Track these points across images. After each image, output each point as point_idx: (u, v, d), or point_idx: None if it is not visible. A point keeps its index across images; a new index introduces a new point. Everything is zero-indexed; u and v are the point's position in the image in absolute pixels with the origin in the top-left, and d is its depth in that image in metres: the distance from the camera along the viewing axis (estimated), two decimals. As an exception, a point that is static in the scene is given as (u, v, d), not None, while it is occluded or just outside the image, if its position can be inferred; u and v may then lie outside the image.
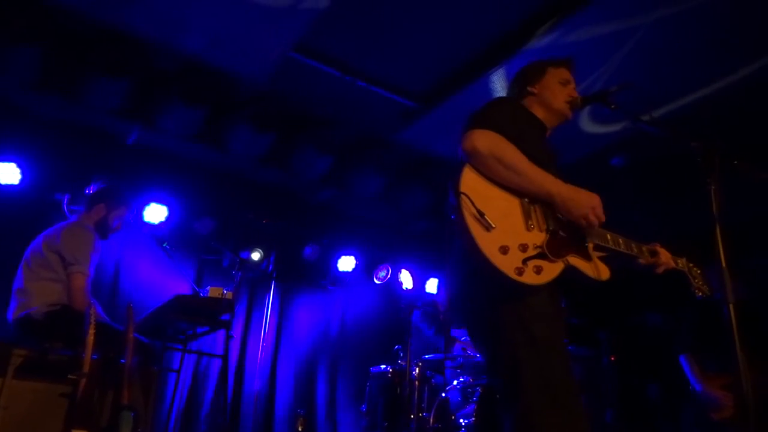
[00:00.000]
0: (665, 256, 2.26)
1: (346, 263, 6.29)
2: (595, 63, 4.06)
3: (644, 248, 2.23)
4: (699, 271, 2.44)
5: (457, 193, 1.85)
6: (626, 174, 5.45)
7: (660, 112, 4.42)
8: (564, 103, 2.30)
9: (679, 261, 2.36)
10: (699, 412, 4.26)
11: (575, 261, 1.94)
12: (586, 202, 1.96)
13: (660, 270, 2.26)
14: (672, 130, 2.16)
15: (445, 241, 2.05)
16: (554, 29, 3.81)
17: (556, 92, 2.31)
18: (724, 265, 1.82)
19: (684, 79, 4.20)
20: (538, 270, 1.82)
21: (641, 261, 2.23)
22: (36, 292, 3.59)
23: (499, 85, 4.36)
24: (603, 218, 2.00)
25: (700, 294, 2.43)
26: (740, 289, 3.97)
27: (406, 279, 6.46)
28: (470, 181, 1.91)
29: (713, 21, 3.67)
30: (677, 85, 4.27)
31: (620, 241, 2.16)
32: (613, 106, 2.23)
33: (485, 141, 1.93)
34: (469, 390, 4.46)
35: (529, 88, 2.34)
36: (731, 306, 1.77)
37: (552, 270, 1.86)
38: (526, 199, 1.95)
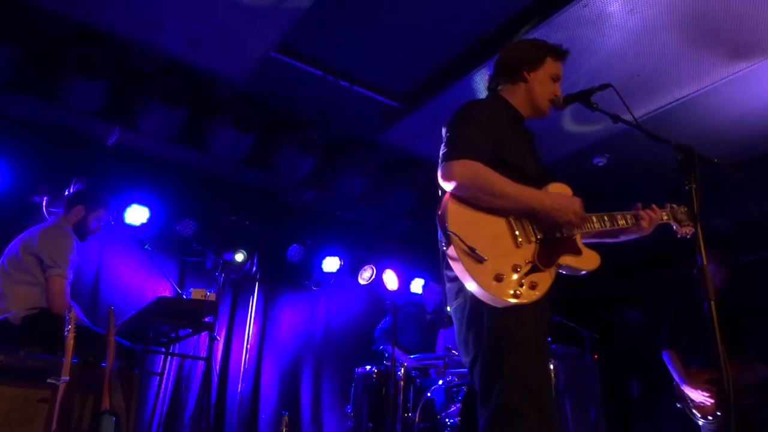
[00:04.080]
0: (648, 215, 2.28)
1: (331, 264, 6.27)
2: (577, 63, 4.09)
3: (627, 216, 2.26)
4: (684, 209, 2.42)
5: (446, 233, 1.89)
6: (608, 173, 5.50)
7: (641, 113, 4.45)
8: (546, 101, 2.31)
9: (663, 213, 2.37)
10: (678, 406, 4.31)
11: (566, 260, 2.00)
12: (568, 209, 1.99)
13: (648, 231, 2.28)
14: (653, 130, 2.18)
15: (435, 240, 2.06)
16: (536, 29, 3.83)
17: (545, 88, 2.31)
18: (705, 263, 1.83)
19: (664, 80, 4.24)
20: (533, 285, 1.88)
21: (631, 229, 2.25)
22: (13, 296, 3.53)
23: (482, 85, 4.36)
24: (585, 217, 2.05)
25: (687, 234, 2.41)
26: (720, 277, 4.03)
27: (390, 279, 6.46)
28: (456, 214, 1.94)
29: (693, 23, 3.71)
30: (659, 86, 4.31)
31: (605, 218, 2.19)
32: (594, 106, 2.25)
33: (464, 173, 1.95)
34: (454, 390, 4.47)
35: (524, 73, 2.30)
36: (711, 303, 1.79)
37: (546, 280, 1.92)
38: (512, 216, 1.99)
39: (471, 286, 1.86)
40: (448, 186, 1.97)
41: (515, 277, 1.87)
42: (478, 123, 2.12)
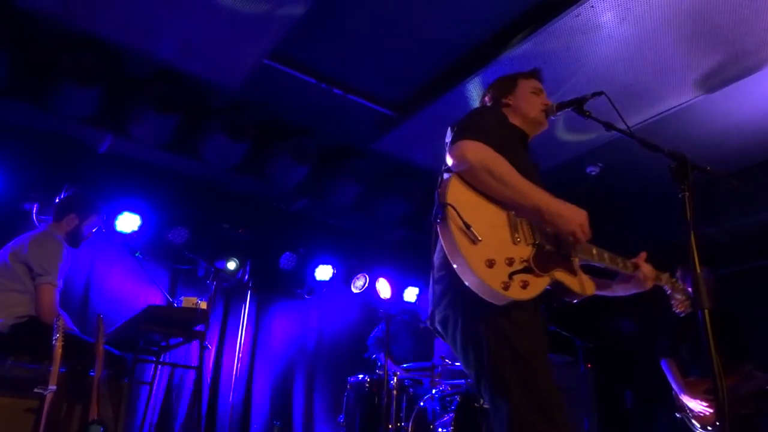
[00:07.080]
0: (648, 270, 2.24)
1: (323, 272, 6.24)
2: (569, 72, 4.10)
3: (628, 263, 2.22)
4: (682, 287, 2.44)
5: (444, 204, 1.81)
6: (601, 182, 5.51)
7: (634, 121, 4.47)
8: (539, 112, 2.31)
9: (662, 276, 2.36)
10: (677, 416, 4.29)
11: (561, 275, 1.93)
12: (574, 219, 1.94)
13: (647, 285, 2.23)
14: (646, 138, 2.17)
15: (428, 248, 2.02)
16: (529, 38, 3.84)
17: (530, 101, 2.33)
18: (698, 271, 1.82)
19: (659, 87, 4.26)
20: (525, 285, 1.79)
21: (627, 278, 2.22)
22: (2, 303, 3.49)
23: (475, 93, 4.37)
24: (589, 234, 1.99)
25: (681, 310, 2.44)
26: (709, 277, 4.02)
27: (383, 288, 6.44)
28: (457, 191, 1.88)
29: (687, 33, 3.73)
30: (652, 94, 4.32)
31: (605, 255, 2.15)
32: (587, 114, 2.24)
33: (476, 152, 1.91)
34: (448, 399, 4.44)
35: (503, 100, 2.35)
36: (705, 312, 1.78)
37: (538, 284, 1.84)
38: (513, 212, 1.93)
39: (460, 268, 1.76)
40: (457, 165, 1.91)
41: (507, 268, 1.79)
42: (489, 120, 2.14)
